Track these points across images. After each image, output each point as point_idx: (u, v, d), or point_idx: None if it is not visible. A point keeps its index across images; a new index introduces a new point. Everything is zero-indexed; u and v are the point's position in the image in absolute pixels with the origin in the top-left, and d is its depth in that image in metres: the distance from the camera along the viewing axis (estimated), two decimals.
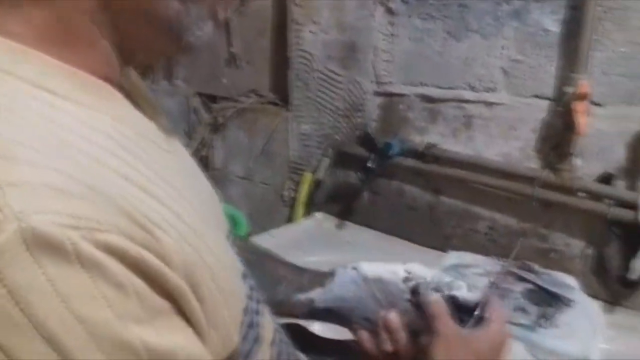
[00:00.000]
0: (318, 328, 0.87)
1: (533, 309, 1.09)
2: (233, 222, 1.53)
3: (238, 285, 0.44)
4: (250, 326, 0.45)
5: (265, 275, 0.70)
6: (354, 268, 0.72)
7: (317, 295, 0.74)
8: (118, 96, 0.41)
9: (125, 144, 0.37)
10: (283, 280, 0.73)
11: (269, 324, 0.51)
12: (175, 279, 0.33)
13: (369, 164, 1.29)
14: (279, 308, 0.67)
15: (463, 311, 0.68)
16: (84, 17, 0.38)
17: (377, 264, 0.72)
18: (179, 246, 0.35)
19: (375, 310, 0.70)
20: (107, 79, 0.40)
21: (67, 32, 0.38)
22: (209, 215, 0.47)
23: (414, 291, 0.70)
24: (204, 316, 0.36)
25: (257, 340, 0.46)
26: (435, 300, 0.65)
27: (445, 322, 0.61)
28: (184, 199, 0.40)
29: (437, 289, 0.70)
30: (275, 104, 1.63)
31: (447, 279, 0.72)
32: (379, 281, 0.72)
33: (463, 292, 0.70)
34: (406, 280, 0.72)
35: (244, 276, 0.47)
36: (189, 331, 0.35)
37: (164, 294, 0.32)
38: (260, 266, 0.69)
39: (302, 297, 0.74)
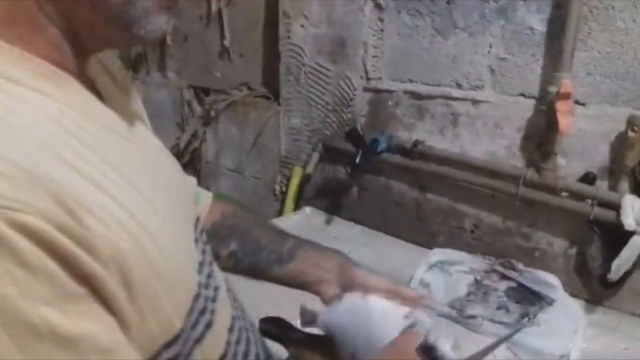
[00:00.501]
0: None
1: (515, 308, 1.10)
2: None
3: (189, 274, 0.45)
4: (202, 313, 0.46)
5: (249, 243, 0.71)
6: (363, 299, 0.70)
7: (322, 314, 0.75)
8: (72, 83, 0.41)
9: (72, 130, 0.38)
10: (264, 249, 0.73)
11: (227, 311, 0.52)
12: (93, 266, 0.34)
13: (357, 160, 1.29)
14: (261, 276, 0.69)
15: None
16: (31, 3, 0.38)
17: (385, 302, 0.70)
18: (113, 233, 0.36)
19: (365, 349, 0.71)
20: (60, 66, 0.41)
21: (14, 17, 0.38)
22: (168, 203, 0.47)
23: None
24: (130, 304, 0.37)
25: (208, 326, 0.46)
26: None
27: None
28: (133, 187, 0.40)
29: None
30: (267, 98, 1.63)
31: (440, 330, 0.70)
32: (382, 316, 0.71)
33: (446, 348, 0.68)
34: (406, 317, 0.70)
35: (201, 264, 0.49)
36: (105, 319, 0.35)
37: (80, 279, 0.33)
38: (246, 233, 0.70)
39: (309, 308, 0.75)
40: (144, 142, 0.51)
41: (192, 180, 0.67)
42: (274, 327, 0.88)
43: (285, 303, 0.81)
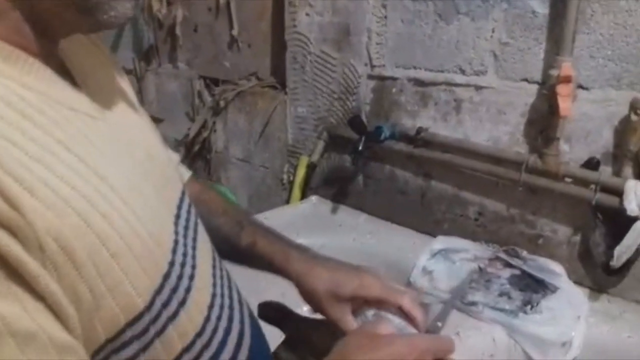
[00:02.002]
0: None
1: (518, 295, 1.09)
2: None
3: (157, 253, 0.45)
4: (174, 291, 0.46)
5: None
6: (374, 315, 0.67)
7: None
8: (33, 65, 0.42)
9: (24, 111, 0.39)
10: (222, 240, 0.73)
11: (206, 289, 0.52)
12: (13, 248, 0.34)
13: (360, 147, 1.29)
14: (224, 242, 0.67)
15: None
16: None
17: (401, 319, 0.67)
18: (55, 213, 0.36)
19: None
20: (22, 48, 0.41)
21: None
22: (141, 181, 0.48)
23: None
24: (79, 282, 0.37)
25: (182, 303, 0.47)
26: None
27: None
28: (89, 168, 0.41)
29: None
30: (274, 87, 1.64)
31: None
32: None
33: None
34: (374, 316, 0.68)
35: (176, 242, 0.49)
36: (27, 302, 0.35)
37: None
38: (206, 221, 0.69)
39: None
40: (120, 118, 0.51)
41: (175, 156, 0.68)
42: (273, 311, 0.89)
43: (291, 290, 0.78)
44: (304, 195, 1.59)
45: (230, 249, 0.66)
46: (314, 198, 1.56)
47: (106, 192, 0.41)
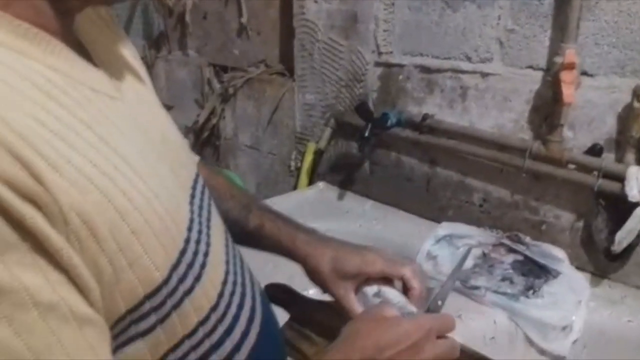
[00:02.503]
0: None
1: (520, 280, 1.11)
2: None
3: (174, 230, 0.47)
4: (190, 267, 0.48)
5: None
6: (377, 294, 0.69)
7: None
8: (56, 45, 0.43)
9: (50, 92, 0.40)
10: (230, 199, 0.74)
11: (220, 267, 0.54)
12: (37, 221, 0.35)
13: (366, 134, 1.30)
14: (233, 225, 0.68)
15: None
16: None
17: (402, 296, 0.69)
18: (78, 189, 0.38)
19: None
20: (44, 28, 0.43)
21: None
22: (158, 161, 0.49)
23: None
24: (99, 256, 0.39)
25: (197, 279, 0.49)
26: None
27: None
28: (110, 147, 0.43)
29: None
30: (283, 75, 1.65)
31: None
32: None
33: None
34: (375, 295, 0.69)
35: (191, 221, 0.51)
36: (50, 275, 0.36)
37: (23, 233, 0.35)
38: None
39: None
40: (136, 99, 0.53)
41: (185, 142, 0.70)
42: (279, 293, 0.91)
43: (298, 273, 0.80)
44: (311, 182, 1.61)
45: (239, 232, 0.67)
46: (321, 184, 1.58)
47: (126, 171, 0.43)
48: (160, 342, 0.45)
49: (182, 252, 0.47)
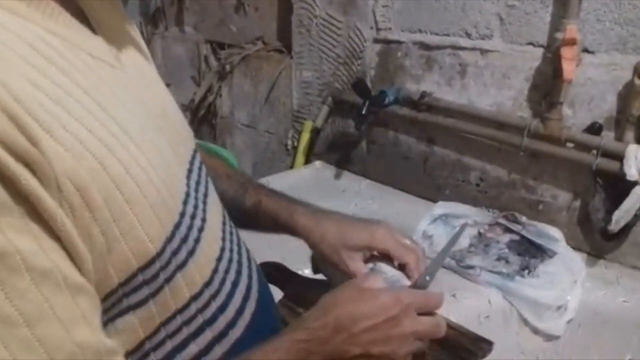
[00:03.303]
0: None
1: (516, 260, 1.10)
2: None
3: (170, 202, 0.46)
4: (184, 240, 0.47)
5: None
6: (372, 269, 0.69)
7: None
8: (56, 9, 0.42)
9: (46, 54, 0.39)
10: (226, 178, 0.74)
11: (215, 242, 0.54)
12: (31, 183, 0.34)
13: (363, 112, 1.29)
14: (231, 205, 0.68)
15: None
16: None
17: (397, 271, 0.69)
18: (73, 154, 0.37)
19: None
20: None
21: None
22: (157, 132, 0.49)
23: None
24: (92, 225, 0.38)
25: (191, 253, 0.48)
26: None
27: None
28: (107, 113, 0.42)
29: None
30: (280, 52, 1.63)
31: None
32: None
33: None
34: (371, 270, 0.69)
35: (187, 195, 0.50)
36: (44, 241, 0.35)
37: (18, 197, 0.34)
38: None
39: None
40: (137, 72, 0.52)
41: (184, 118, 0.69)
42: (273, 271, 0.90)
43: (292, 254, 0.81)
44: (307, 161, 1.59)
45: (237, 212, 0.67)
46: (317, 163, 1.57)
47: (124, 140, 0.42)
48: (151, 316, 0.45)
49: (177, 226, 0.46)
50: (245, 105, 1.77)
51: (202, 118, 1.90)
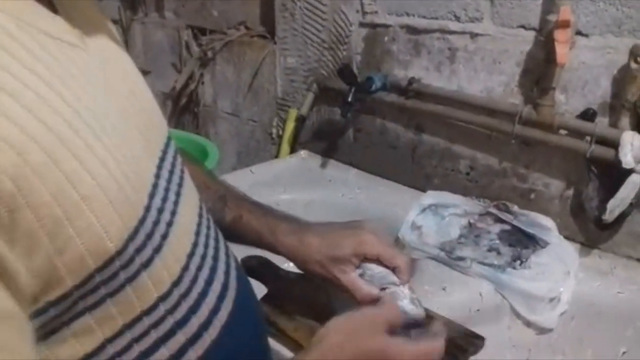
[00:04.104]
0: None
1: (507, 250, 1.07)
2: (204, 153, 1.51)
3: (132, 195, 0.42)
4: (150, 237, 0.44)
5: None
6: (361, 274, 0.69)
7: None
8: None
9: None
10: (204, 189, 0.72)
11: (186, 238, 0.50)
12: None
13: (349, 99, 1.24)
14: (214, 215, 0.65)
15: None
16: None
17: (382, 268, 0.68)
18: (14, 147, 0.33)
19: None
20: None
21: None
22: (124, 117, 0.45)
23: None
24: (35, 224, 0.34)
25: (157, 250, 0.44)
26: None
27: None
28: (63, 100, 0.38)
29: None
30: (263, 37, 1.58)
31: (392, 288, 0.67)
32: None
33: (405, 304, 0.66)
34: (360, 275, 0.68)
35: (155, 186, 0.46)
36: None
37: None
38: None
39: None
40: (104, 55, 0.49)
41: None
42: (256, 265, 0.86)
43: None
44: (293, 150, 1.55)
45: (215, 225, 0.63)
46: (303, 152, 1.52)
47: (80, 128, 0.38)
48: (111, 316, 0.41)
49: (141, 221, 0.43)
50: (228, 93, 1.72)
51: (184, 107, 1.84)
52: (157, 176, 0.48)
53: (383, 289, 0.67)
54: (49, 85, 0.37)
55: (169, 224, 0.47)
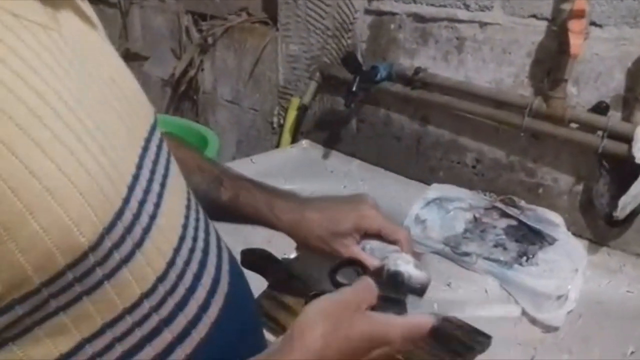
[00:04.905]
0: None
1: (513, 246, 1.04)
2: (204, 141, 1.48)
3: (109, 188, 0.39)
4: (129, 230, 0.41)
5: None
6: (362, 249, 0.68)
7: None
8: None
9: None
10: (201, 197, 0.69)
11: (172, 231, 0.47)
12: None
13: (353, 88, 1.21)
14: (204, 200, 0.62)
15: (403, 291, 0.63)
16: None
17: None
18: None
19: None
20: None
21: None
22: (100, 106, 0.42)
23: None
24: None
25: (139, 245, 0.42)
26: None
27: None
28: (27, 85, 0.35)
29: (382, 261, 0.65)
30: (265, 23, 1.54)
31: (395, 254, 0.66)
32: None
33: (409, 268, 0.63)
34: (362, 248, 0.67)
35: (135, 177, 0.43)
36: None
37: None
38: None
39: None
40: (80, 38, 0.45)
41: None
42: (256, 259, 0.84)
43: (277, 237, 0.75)
44: (294, 140, 1.52)
45: (211, 207, 0.60)
46: (304, 142, 1.49)
47: (45, 115, 0.35)
48: (88, 315, 0.39)
49: (118, 214, 0.40)
50: (229, 80, 1.68)
51: (183, 94, 1.81)
52: (139, 166, 0.45)
53: (385, 258, 0.66)
54: (11, 68, 0.35)
55: (152, 217, 0.44)
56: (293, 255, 0.83)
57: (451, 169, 1.23)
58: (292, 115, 1.49)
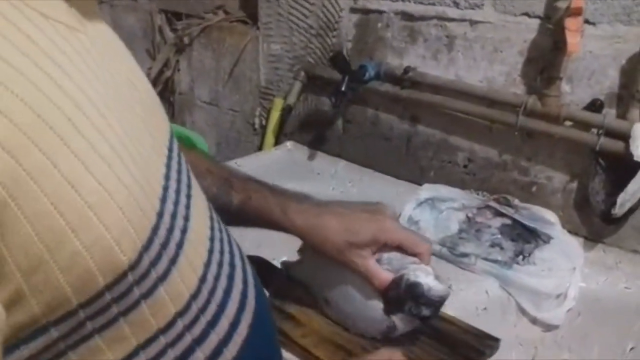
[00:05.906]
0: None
1: (509, 245, 1.04)
2: (190, 144, 1.44)
3: (145, 202, 0.37)
4: (164, 247, 0.38)
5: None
6: (379, 260, 0.68)
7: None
8: None
9: None
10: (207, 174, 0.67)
11: (201, 245, 0.45)
12: None
13: (342, 88, 1.19)
14: (215, 204, 0.60)
15: (422, 302, 0.63)
16: None
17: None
18: (6, 148, 0.28)
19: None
20: None
21: None
22: (126, 111, 0.40)
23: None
24: (34, 237, 0.29)
25: (173, 261, 0.39)
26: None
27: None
28: (61, 89, 0.32)
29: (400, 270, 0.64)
30: (245, 22, 1.50)
31: (413, 266, 0.65)
32: None
33: (429, 280, 0.63)
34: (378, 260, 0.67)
35: (165, 189, 0.41)
36: None
37: None
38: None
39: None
40: (102, 38, 0.43)
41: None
42: (255, 267, 0.81)
43: (267, 241, 0.76)
44: (278, 141, 1.48)
45: (221, 210, 0.58)
46: (289, 144, 1.46)
47: (79, 122, 0.32)
48: (124, 337, 0.36)
49: (154, 229, 0.37)
50: (207, 81, 1.63)
51: (159, 95, 1.74)
52: (167, 177, 0.42)
53: (404, 269, 0.65)
54: (44, 71, 0.32)
55: (183, 231, 0.42)
56: (285, 258, 0.81)
57: (442, 168, 1.22)
58: (275, 116, 1.45)
